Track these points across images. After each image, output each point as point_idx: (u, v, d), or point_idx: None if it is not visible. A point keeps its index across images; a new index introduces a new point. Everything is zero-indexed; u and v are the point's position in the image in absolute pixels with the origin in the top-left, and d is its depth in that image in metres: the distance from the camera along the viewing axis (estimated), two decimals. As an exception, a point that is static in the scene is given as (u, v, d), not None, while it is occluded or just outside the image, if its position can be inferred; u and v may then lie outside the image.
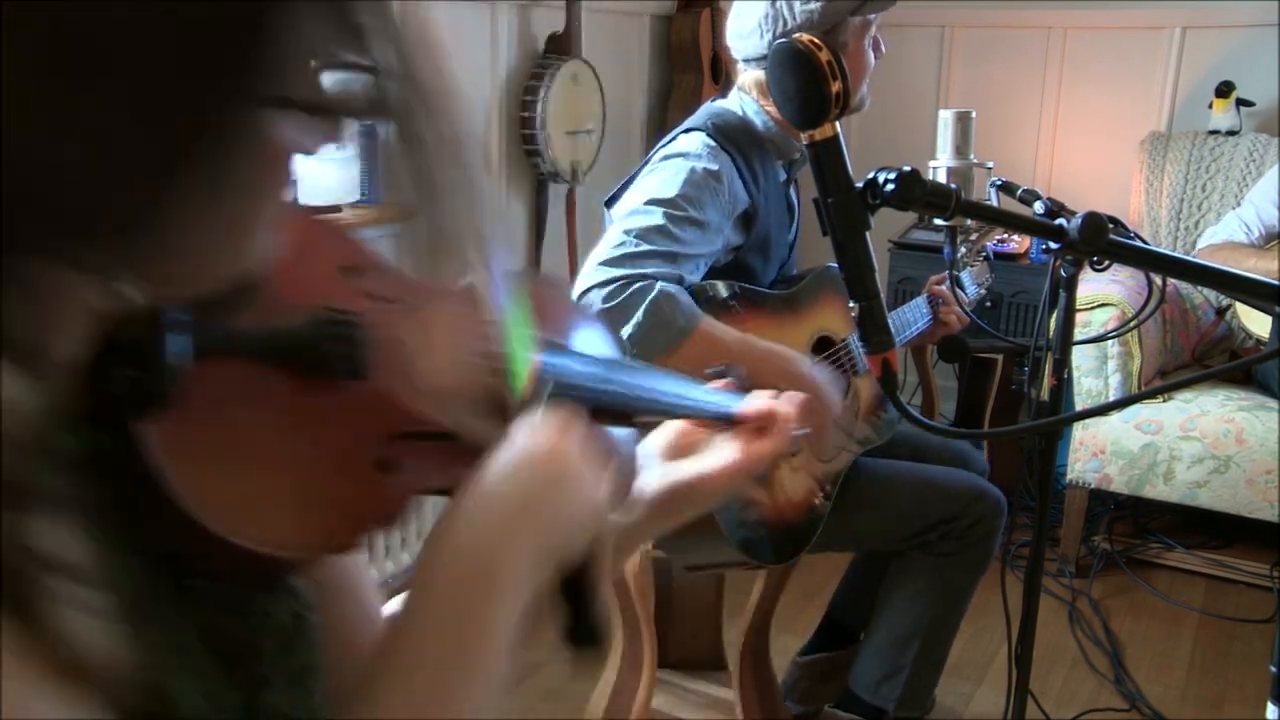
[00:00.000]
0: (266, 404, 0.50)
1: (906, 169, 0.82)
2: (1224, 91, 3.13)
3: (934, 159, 1.61)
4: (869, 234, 0.83)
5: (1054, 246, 0.92)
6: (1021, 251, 3.10)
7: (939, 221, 1.63)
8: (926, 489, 1.84)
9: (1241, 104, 3.14)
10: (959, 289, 2.07)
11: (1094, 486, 2.82)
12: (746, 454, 0.76)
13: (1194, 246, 3.02)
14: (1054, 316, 1.28)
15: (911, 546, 1.84)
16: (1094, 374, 2.77)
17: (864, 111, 1.83)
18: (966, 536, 1.82)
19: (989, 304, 3.02)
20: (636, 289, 1.45)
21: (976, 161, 1.60)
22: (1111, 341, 2.68)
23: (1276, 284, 0.86)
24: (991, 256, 2.98)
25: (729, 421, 0.78)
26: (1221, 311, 3.02)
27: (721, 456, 0.77)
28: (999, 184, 1.53)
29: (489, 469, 0.56)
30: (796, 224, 1.93)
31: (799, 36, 0.81)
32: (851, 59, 1.73)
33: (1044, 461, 1.33)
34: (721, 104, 1.81)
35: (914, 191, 0.81)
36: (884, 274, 3.20)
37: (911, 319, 1.95)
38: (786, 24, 1.68)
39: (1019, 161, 3.55)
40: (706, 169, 1.61)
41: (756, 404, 0.79)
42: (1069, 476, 2.85)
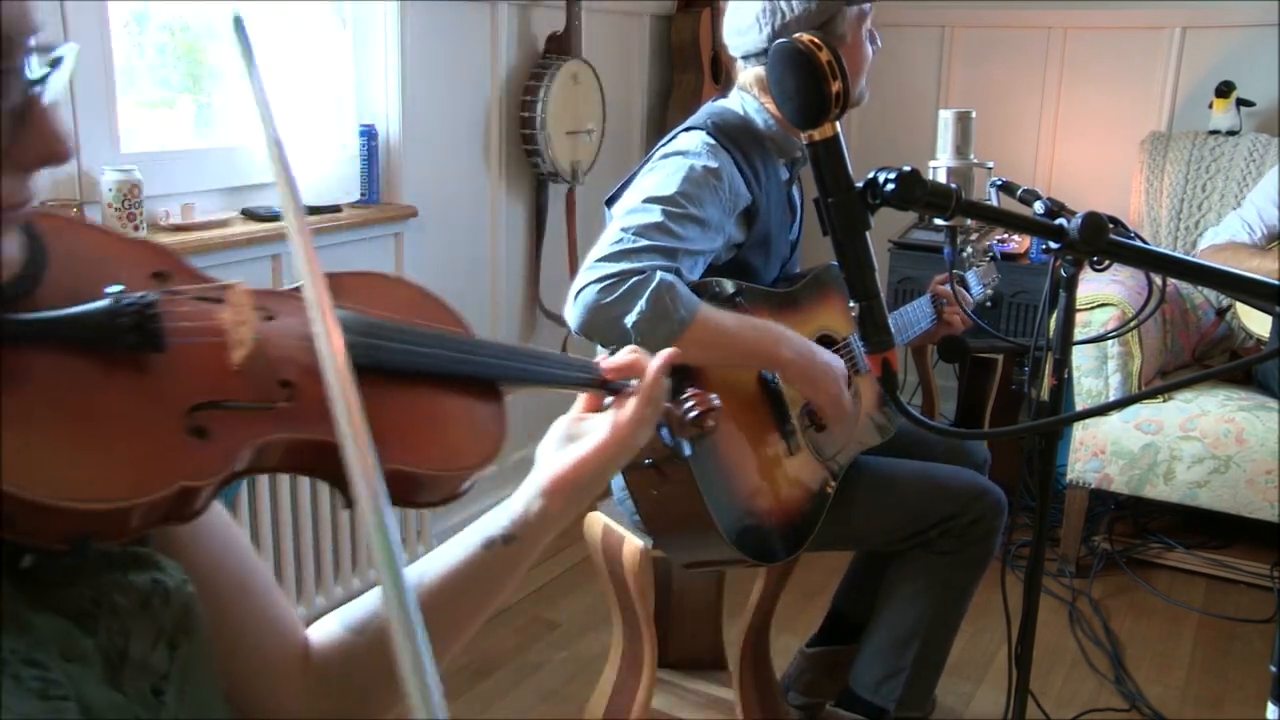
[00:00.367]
0: (62, 380, 0.54)
1: (906, 169, 0.82)
2: (1224, 91, 3.13)
3: (934, 159, 1.61)
4: (869, 234, 0.83)
5: (1054, 246, 0.92)
6: (1021, 251, 3.11)
7: (939, 221, 1.63)
8: (927, 487, 1.84)
9: (1241, 104, 3.14)
10: (965, 289, 2.07)
11: (1094, 486, 2.82)
12: (617, 421, 0.81)
13: (1194, 246, 3.02)
14: (1054, 316, 1.28)
15: (912, 545, 1.84)
16: (1094, 374, 2.77)
17: (864, 110, 1.84)
18: (967, 535, 1.82)
19: (990, 304, 3.02)
20: (636, 281, 1.45)
21: (976, 161, 1.60)
22: (1111, 341, 2.68)
23: (1276, 284, 0.86)
24: (998, 256, 2.99)
25: (605, 387, 0.84)
26: (1222, 311, 3.02)
27: (599, 429, 0.82)
28: (999, 184, 1.52)
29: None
30: (799, 223, 1.93)
31: (799, 36, 0.81)
32: (850, 51, 1.73)
33: (1044, 461, 1.33)
34: (722, 103, 1.81)
35: (914, 191, 0.81)
36: (884, 274, 3.20)
37: (914, 319, 1.95)
38: (784, 17, 1.67)
39: (1019, 161, 3.55)
40: (706, 166, 1.61)
41: (618, 358, 0.85)
42: (1069, 476, 2.85)
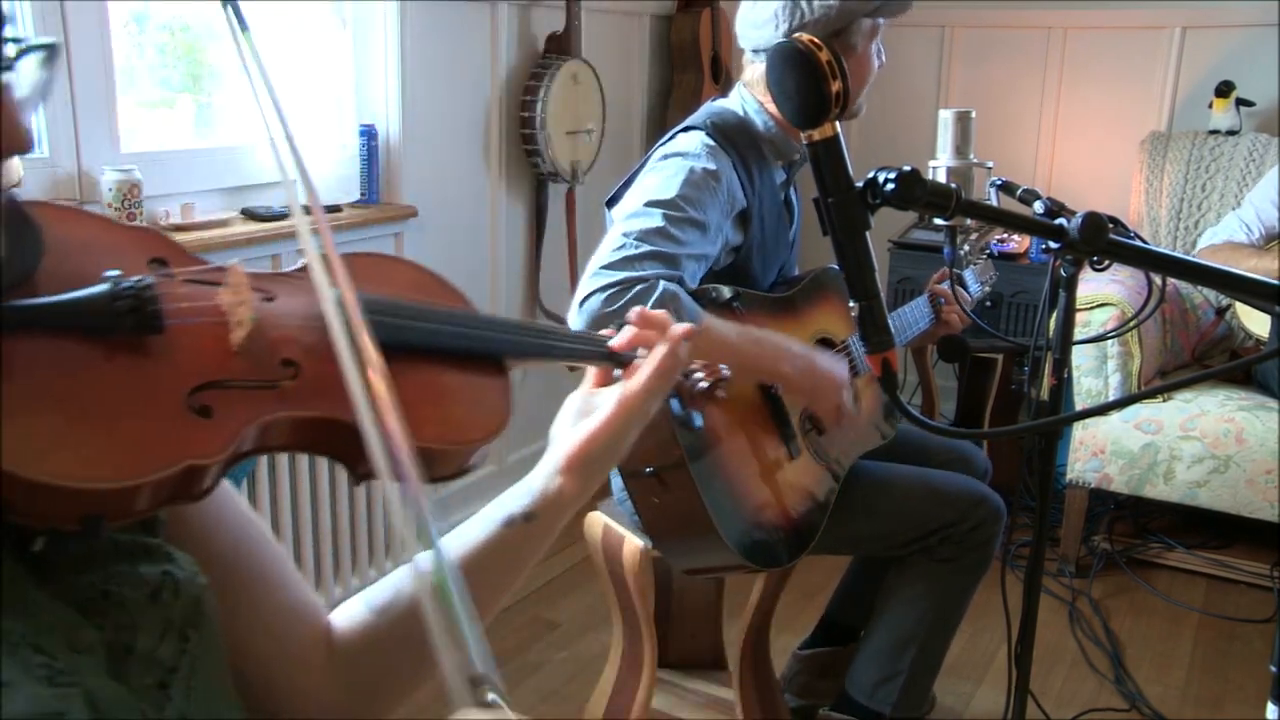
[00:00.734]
0: (63, 363, 0.55)
1: (906, 169, 0.82)
2: (1224, 91, 3.13)
3: (934, 159, 1.60)
4: (869, 234, 0.83)
5: (1054, 246, 0.92)
6: (1021, 251, 3.10)
7: (939, 221, 1.63)
8: (927, 493, 1.84)
9: (1241, 104, 3.14)
10: (962, 288, 2.07)
11: (1094, 486, 2.82)
12: (625, 393, 0.82)
13: (1194, 246, 3.02)
14: (1054, 316, 1.28)
15: (911, 551, 1.84)
16: (1094, 374, 2.77)
17: (860, 117, 1.84)
18: (966, 541, 1.82)
19: (989, 304, 3.02)
20: (639, 290, 1.45)
21: (976, 161, 1.60)
22: (1111, 341, 2.68)
23: (1276, 284, 0.86)
24: (995, 254, 2.99)
25: (612, 359, 0.85)
26: (1221, 311, 3.02)
27: (609, 401, 0.82)
28: (999, 184, 1.52)
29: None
30: (796, 225, 1.93)
31: (799, 36, 0.81)
32: (857, 62, 1.73)
33: (1044, 461, 1.33)
34: (722, 103, 1.81)
35: (914, 191, 0.81)
36: (884, 274, 3.20)
37: (913, 319, 1.95)
38: (803, 17, 1.67)
39: (1019, 161, 3.55)
40: (705, 169, 1.61)
41: (626, 332, 0.85)
42: (1069, 476, 2.85)
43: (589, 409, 0.83)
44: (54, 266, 0.57)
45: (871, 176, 0.82)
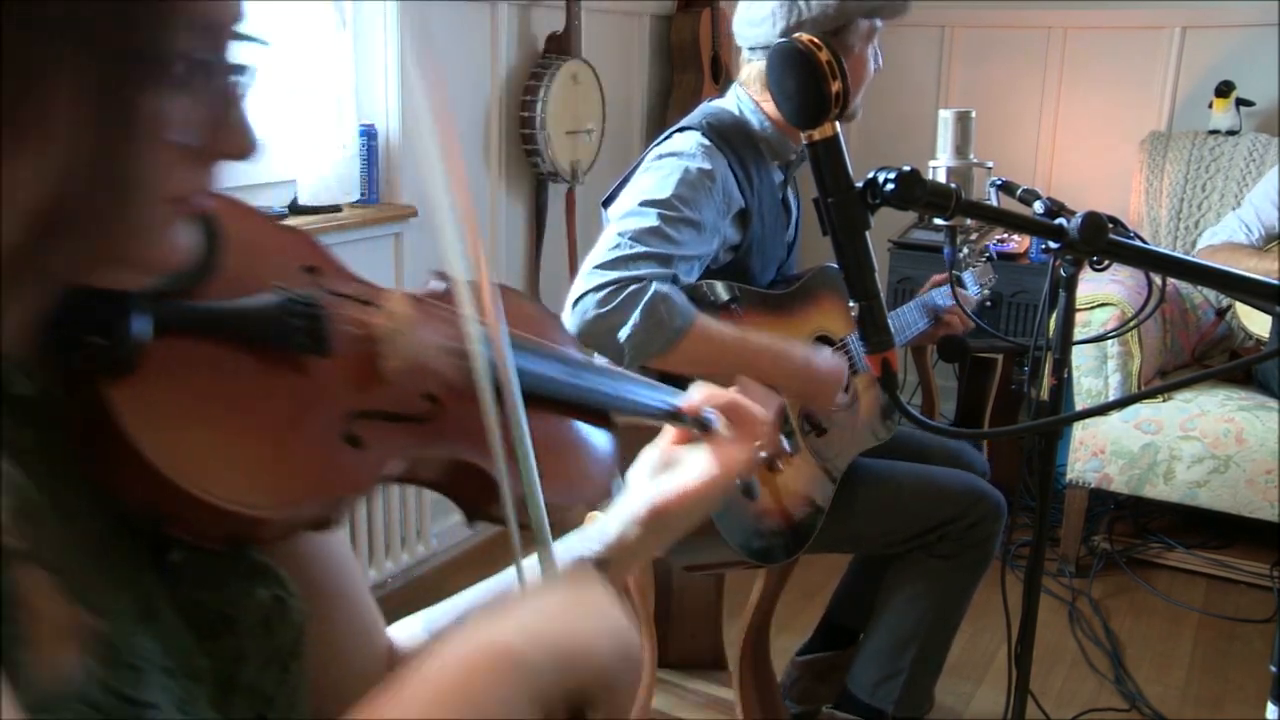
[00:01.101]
0: (233, 374, 0.54)
1: (906, 169, 0.82)
2: (1224, 91, 3.13)
3: (934, 159, 1.60)
4: (869, 234, 0.83)
5: (1054, 246, 0.92)
6: (1021, 251, 3.10)
7: (939, 221, 1.63)
8: (927, 490, 1.84)
9: (1241, 104, 3.14)
10: (961, 289, 2.08)
11: (1094, 486, 2.82)
12: (721, 459, 0.80)
13: (1194, 246, 3.02)
14: (1054, 316, 1.28)
15: (911, 548, 1.84)
16: (1094, 374, 2.77)
17: (864, 110, 1.84)
18: (966, 538, 1.82)
19: (989, 304, 3.02)
20: (631, 291, 1.45)
21: (976, 161, 1.60)
22: (1111, 341, 2.68)
23: (1276, 284, 0.86)
24: (995, 257, 2.99)
25: (705, 428, 0.82)
26: (1221, 311, 3.02)
27: (700, 465, 0.80)
28: (999, 184, 1.52)
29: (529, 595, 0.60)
30: (795, 224, 1.93)
31: (799, 36, 0.81)
32: (854, 64, 1.73)
33: (1044, 461, 1.33)
34: (718, 103, 1.81)
35: (914, 191, 0.81)
36: (884, 274, 3.20)
37: (913, 319, 1.95)
38: (800, 16, 1.67)
39: (1019, 161, 3.55)
40: (700, 169, 1.61)
41: (697, 395, 0.83)
42: (1069, 476, 2.85)
43: (670, 463, 0.82)
44: (227, 270, 0.55)
45: (871, 176, 0.82)
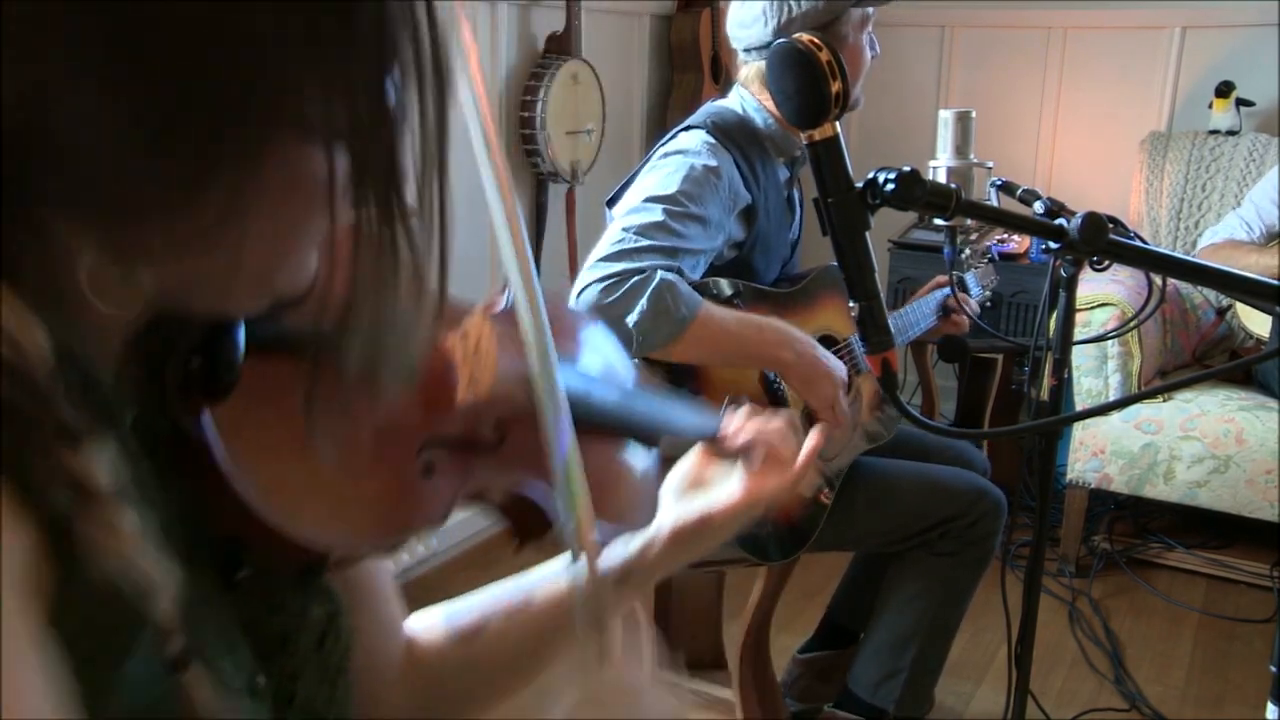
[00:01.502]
0: (320, 402, 0.51)
1: (906, 169, 0.82)
2: (1224, 91, 3.13)
3: (934, 159, 1.60)
4: (869, 234, 0.83)
5: (1054, 246, 0.92)
6: (1021, 251, 3.10)
7: (939, 221, 1.63)
8: (927, 488, 1.84)
9: (1241, 104, 3.14)
10: (963, 290, 2.08)
11: (1094, 486, 2.82)
12: (752, 488, 0.79)
13: (1194, 246, 3.02)
14: (1054, 316, 1.28)
15: (912, 546, 1.84)
16: (1094, 374, 2.77)
17: (864, 110, 1.84)
18: (967, 536, 1.82)
19: (989, 304, 3.02)
20: (637, 281, 1.45)
21: (976, 161, 1.60)
22: (1111, 341, 2.68)
23: (1276, 284, 0.86)
24: (997, 258, 2.99)
25: (737, 452, 0.81)
26: (1222, 311, 3.02)
27: (729, 491, 0.79)
28: (999, 184, 1.52)
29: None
30: (799, 223, 1.93)
31: (799, 36, 0.81)
32: (850, 54, 1.73)
33: (1044, 461, 1.33)
34: (721, 103, 1.81)
35: (914, 191, 0.81)
36: (884, 274, 3.20)
37: (915, 319, 1.96)
38: (790, 13, 1.67)
39: (1019, 161, 3.55)
40: (706, 165, 1.62)
41: (739, 421, 0.83)
42: (1069, 476, 2.85)
43: (700, 481, 0.81)
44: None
45: (871, 177, 0.82)
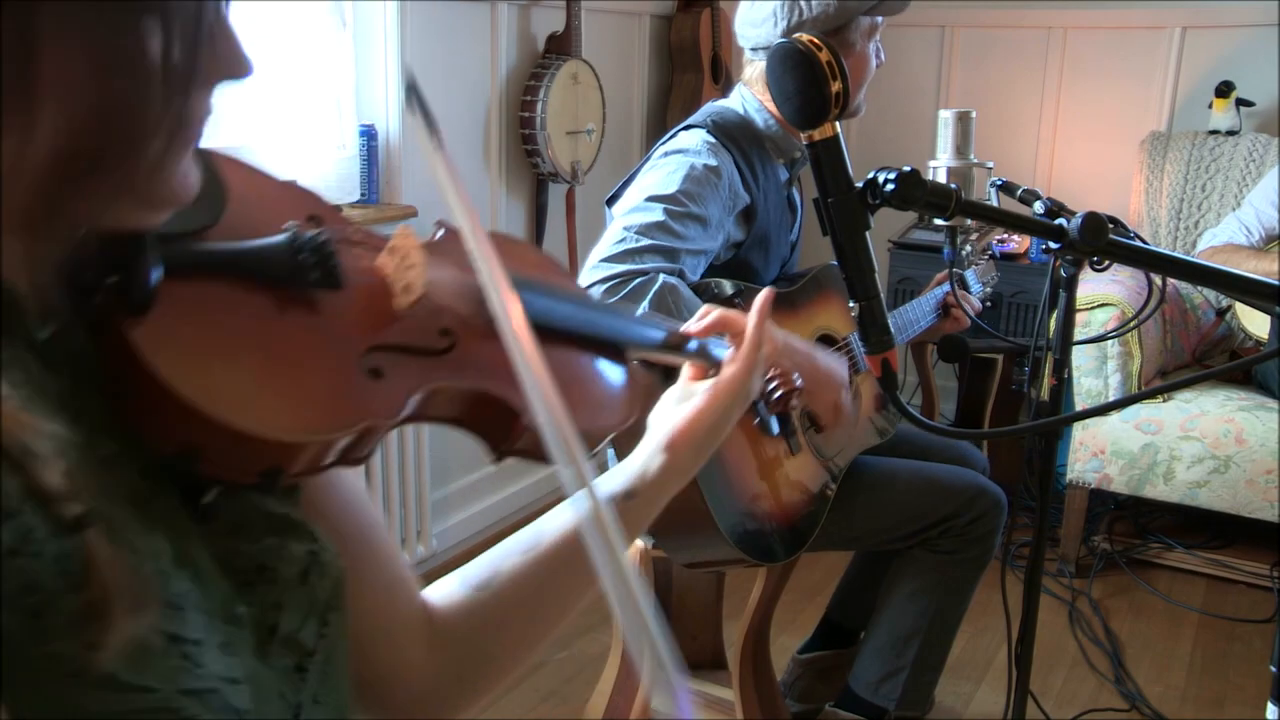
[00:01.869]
0: (250, 312, 0.55)
1: (906, 169, 0.82)
2: (1224, 91, 3.13)
3: (934, 159, 1.61)
4: (869, 234, 0.83)
5: (1054, 246, 0.92)
6: (1021, 251, 3.10)
7: (939, 221, 1.63)
8: (927, 487, 1.84)
9: (1241, 104, 3.14)
10: (964, 288, 2.08)
11: (1094, 486, 2.82)
12: (731, 369, 0.84)
13: (1194, 247, 3.02)
14: (1054, 316, 1.28)
15: (912, 545, 1.84)
16: (1094, 374, 2.77)
17: (860, 116, 1.84)
18: (967, 534, 1.82)
19: (989, 304, 3.02)
20: (639, 283, 1.46)
21: (976, 161, 1.60)
22: (1111, 341, 2.68)
23: (1276, 284, 0.86)
24: (997, 255, 2.99)
25: (716, 361, 0.86)
26: (1221, 312, 3.02)
27: (708, 388, 0.83)
28: (999, 184, 1.52)
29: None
30: (799, 223, 1.93)
31: (799, 36, 0.81)
32: (856, 61, 1.73)
33: (1044, 461, 1.33)
34: (723, 103, 1.81)
35: (914, 191, 0.81)
36: (884, 274, 3.20)
37: (915, 317, 1.96)
38: (801, 15, 1.67)
39: (1019, 161, 3.55)
40: (706, 165, 1.62)
41: (708, 319, 0.87)
42: (1069, 476, 2.85)
43: (688, 396, 0.84)
44: (231, 215, 0.58)
45: (871, 177, 0.82)
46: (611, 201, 1.72)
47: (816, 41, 0.80)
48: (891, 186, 0.81)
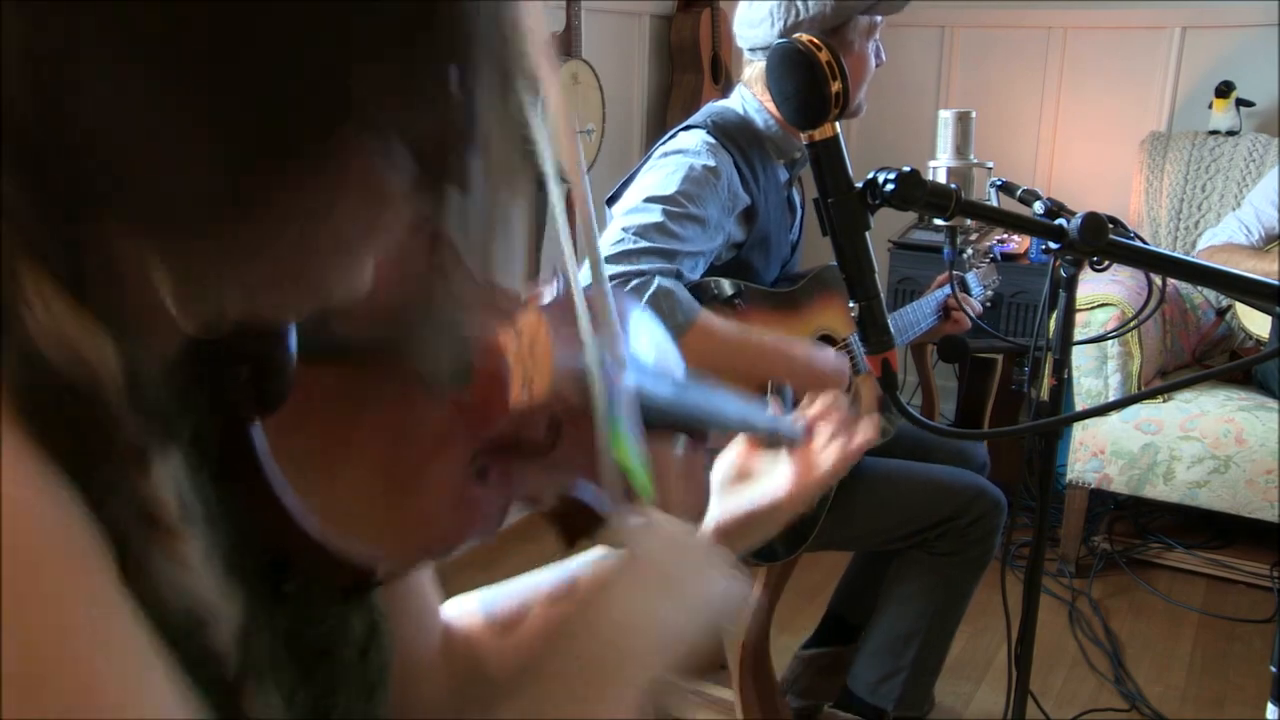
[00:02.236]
0: (372, 409, 0.48)
1: (906, 169, 0.82)
2: (1224, 91, 3.13)
3: (934, 159, 1.60)
4: (869, 234, 0.83)
5: (1054, 246, 0.92)
6: (1021, 251, 3.10)
7: (939, 221, 1.63)
8: (927, 487, 1.84)
9: (1241, 104, 3.14)
10: (965, 290, 2.08)
11: (1094, 486, 2.82)
12: (803, 478, 0.78)
13: (1194, 247, 3.02)
14: (1054, 316, 1.28)
15: (911, 545, 1.84)
16: (1094, 374, 2.77)
17: (860, 116, 1.84)
18: (967, 535, 1.82)
19: (989, 304, 3.02)
20: (635, 285, 1.46)
21: (976, 161, 1.60)
22: (1111, 341, 2.68)
23: (1276, 284, 0.86)
24: (999, 258, 2.99)
25: (783, 441, 0.79)
26: (1221, 312, 3.02)
27: (777, 477, 0.78)
28: (999, 184, 1.52)
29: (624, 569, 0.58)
30: (799, 224, 1.93)
31: (799, 36, 0.81)
32: (855, 60, 1.73)
33: (1044, 461, 1.33)
34: (723, 103, 1.81)
35: (914, 191, 0.81)
36: (884, 274, 3.20)
37: (916, 319, 1.96)
38: (798, 16, 1.67)
39: (1019, 161, 3.55)
40: (705, 166, 1.62)
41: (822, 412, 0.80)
42: (1069, 476, 2.85)
43: (745, 473, 0.80)
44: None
45: (871, 177, 0.82)
46: (611, 201, 1.72)
47: (816, 41, 0.80)
48: (891, 186, 0.81)
